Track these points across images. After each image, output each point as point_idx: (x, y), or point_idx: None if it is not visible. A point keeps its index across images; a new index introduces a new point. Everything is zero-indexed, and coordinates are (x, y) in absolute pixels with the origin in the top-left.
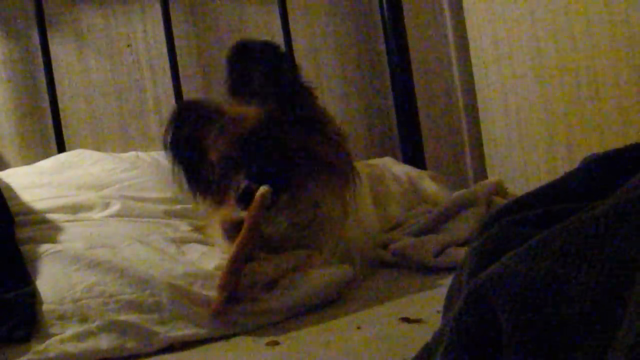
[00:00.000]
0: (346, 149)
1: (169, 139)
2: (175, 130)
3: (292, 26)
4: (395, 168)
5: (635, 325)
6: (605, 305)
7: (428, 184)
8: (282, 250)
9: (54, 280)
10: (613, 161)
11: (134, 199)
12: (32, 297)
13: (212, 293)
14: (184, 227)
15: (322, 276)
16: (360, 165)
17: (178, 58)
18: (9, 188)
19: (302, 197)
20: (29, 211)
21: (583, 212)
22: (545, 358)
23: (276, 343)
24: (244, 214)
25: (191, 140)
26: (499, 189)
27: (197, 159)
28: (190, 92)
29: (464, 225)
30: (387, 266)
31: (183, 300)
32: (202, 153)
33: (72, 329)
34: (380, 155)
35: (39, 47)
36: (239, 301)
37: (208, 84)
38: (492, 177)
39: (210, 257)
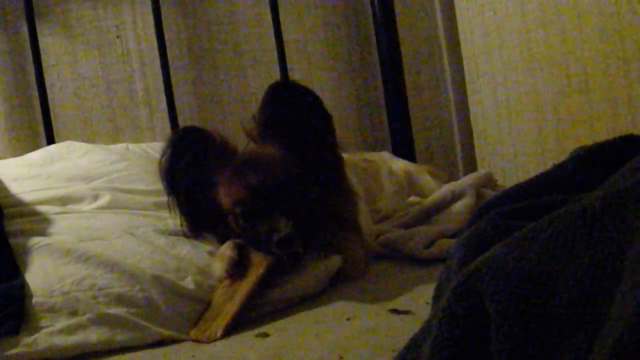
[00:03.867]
0: (357, 203)
1: (165, 165)
2: (174, 157)
3: (283, 19)
4: (394, 163)
5: (622, 316)
6: (593, 296)
7: (425, 179)
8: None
9: (43, 273)
10: (602, 153)
11: (123, 190)
12: (21, 290)
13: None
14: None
15: (313, 268)
16: (357, 159)
17: (168, 50)
18: None
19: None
20: (18, 203)
21: (571, 203)
22: (533, 348)
23: (266, 335)
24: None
25: (191, 171)
26: (488, 181)
27: (197, 192)
28: (180, 83)
29: (454, 217)
30: (377, 258)
31: (173, 295)
32: (204, 187)
33: (62, 322)
34: (371, 149)
35: (27, 38)
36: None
37: (198, 76)
38: (482, 169)
39: (199, 251)
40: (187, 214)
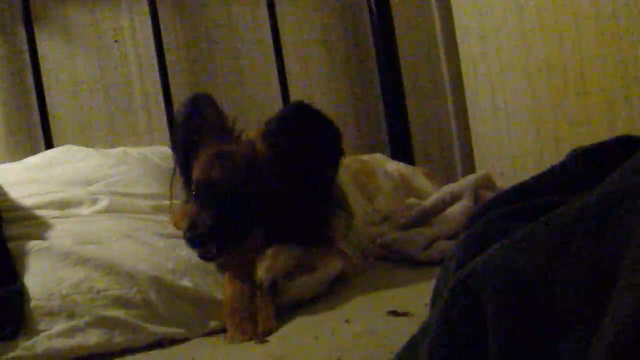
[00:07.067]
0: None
1: (180, 124)
2: (188, 119)
3: (280, 21)
4: (388, 165)
5: (618, 316)
6: (590, 296)
7: (421, 180)
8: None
9: (42, 276)
10: (599, 154)
11: (122, 194)
12: (20, 294)
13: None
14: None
15: (315, 274)
16: (351, 160)
17: (166, 54)
18: None
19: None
20: (17, 208)
21: (569, 204)
22: (530, 348)
23: (265, 340)
24: None
25: (192, 133)
26: (486, 183)
27: (190, 155)
28: (179, 87)
29: (452, 219)
30: (376, 260)
31: (171, 296)
32: (194, 152)
33: (61, 325)
34: (369, 151)
35: (26, 43)
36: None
37: (196, 80)
38: (480, 171)
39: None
40: (184, 173)
